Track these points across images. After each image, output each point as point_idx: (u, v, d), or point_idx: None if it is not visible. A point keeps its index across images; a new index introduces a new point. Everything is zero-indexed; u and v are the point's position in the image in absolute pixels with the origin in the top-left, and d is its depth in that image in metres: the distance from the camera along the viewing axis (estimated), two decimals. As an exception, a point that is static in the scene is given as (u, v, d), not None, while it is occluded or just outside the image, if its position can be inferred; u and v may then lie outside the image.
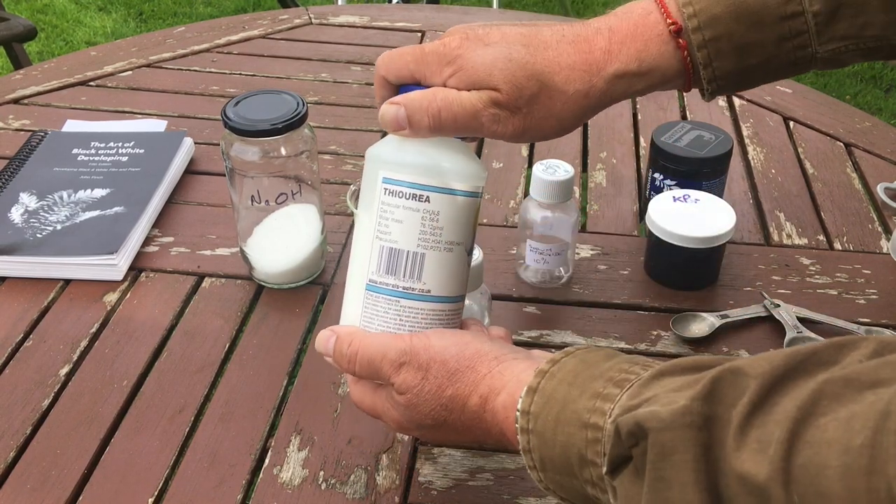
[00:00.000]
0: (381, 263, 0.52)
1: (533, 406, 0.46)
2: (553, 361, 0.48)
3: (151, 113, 1.03)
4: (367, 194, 0.53)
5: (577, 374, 0.46)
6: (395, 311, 0.53)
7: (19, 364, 0.69)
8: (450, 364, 0.51)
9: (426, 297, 0.53)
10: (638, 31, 0.51)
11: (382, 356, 0.52)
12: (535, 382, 0.47)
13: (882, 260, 0.82)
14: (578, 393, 0.45)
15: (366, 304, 0.53)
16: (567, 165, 0.73)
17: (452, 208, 0.51)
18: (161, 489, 0.59)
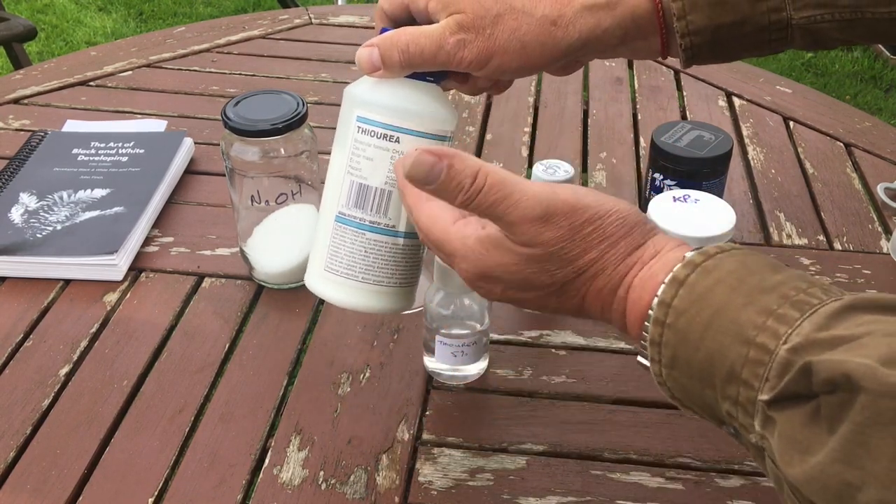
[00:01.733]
0: (350, 197, 0.54)
1: (677, 300, 0.42)
2: (707, 255, 0.43)
3: (151, 113, 1.03)
4: (342, 131, 0.54)
5: (741, 278, 0.41)
6: (361, 244, 0.54)
7: (19, 364, 0.69)
8: (608, 229, 0.45)
9: (390, 232, 0.54)
10: None
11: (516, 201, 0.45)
12: (682, 273, 0.42)
13: (882, 260, 0.82)
14: (742, 302, 0.40)
15: (334, 235, 0.55)
16: (567, 165, 0.73)
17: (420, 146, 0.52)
18: (161, 489, 0.59)
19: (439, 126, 0.53)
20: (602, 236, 0.45)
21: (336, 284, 0.55)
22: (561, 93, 1.11)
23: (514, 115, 1.06)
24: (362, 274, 0.55)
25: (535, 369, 0.69)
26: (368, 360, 0.70)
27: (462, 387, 0.67)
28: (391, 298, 0.56)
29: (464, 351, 0.65)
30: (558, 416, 0.65)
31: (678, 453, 0.62)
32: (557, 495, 0.59)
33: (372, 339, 0.72)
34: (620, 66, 1.17)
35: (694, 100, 1.10)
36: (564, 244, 0.45)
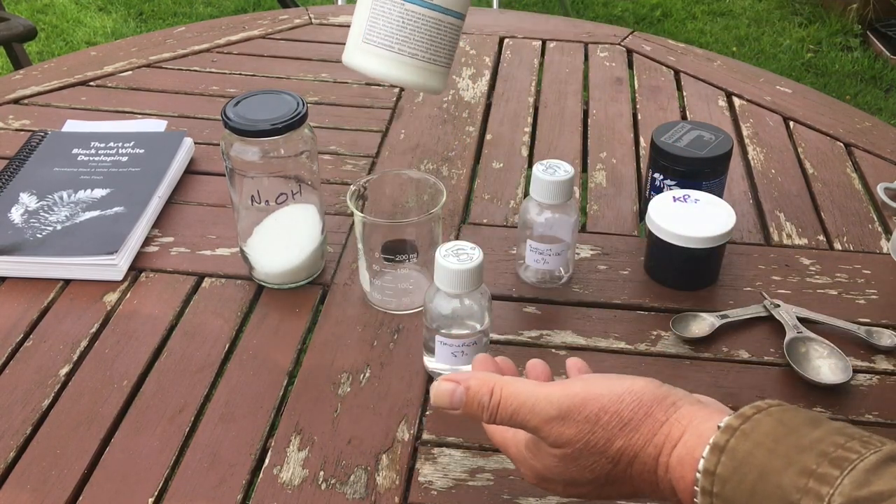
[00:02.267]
0: None
1: (720, 468, 0.42)
2: (743, 417, 0.43)
3: (151, 113, 1.03)
4: None
5: (778, 439, 0.41)
6: (399, 14, 0.56)
7: (19, 364, 0.69)
8: (624, 414, 0.46)
9: (426, 4, 0.56)
10: None
11: (530, 410, 0.47)
12: (721, 439, 0.43)
13: (882, 260, 0.82)
14: (783, 464, 0.40)
15: (374, 7, 0.57)
16: (567, 165, 0.73)
17: None
18: (161, 489, 0.59)
19: None
20: (621, 422, 0.46)
21: (372, 55, 0.56)
22: (561, 93, 1.11)
23: (514, 115, 1.06)
24: (398, 45, 0.56)
25: (535, 369, 0.69)
26: (368, 360, 0.70)
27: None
28: (424, 74, 0.58)
29: (464, 351, 0.65)
30: (558, 416, 0.65)
31: (678, 453, 0.62)
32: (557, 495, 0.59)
33: (372, 339, 0.72)
34: (620, 66, 1.17)
35: (694, 100, 1.10)
36: (588, 437, 0.47)
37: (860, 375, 0.69)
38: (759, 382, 0.68)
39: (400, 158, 0.96)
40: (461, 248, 0.62)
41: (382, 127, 1.02)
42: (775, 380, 0.69)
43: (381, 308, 0.74)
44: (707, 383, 0.68)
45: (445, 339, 0.65)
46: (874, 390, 0.68)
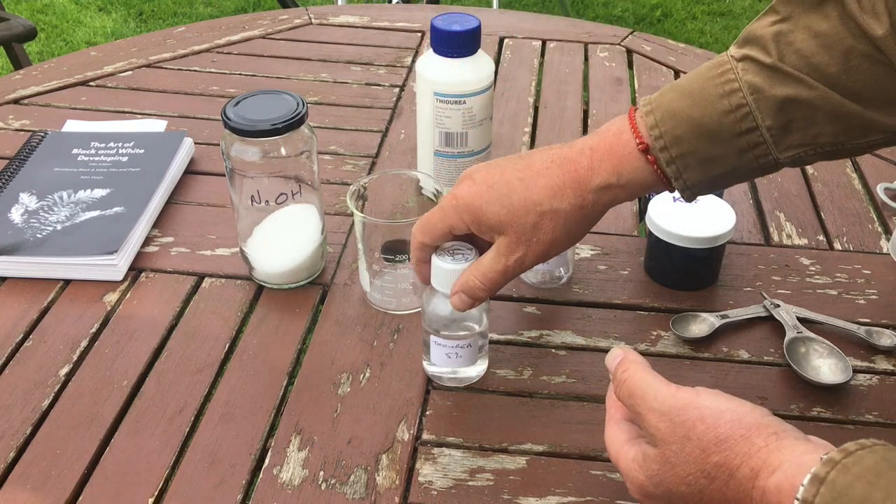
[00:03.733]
0: (441, 141, 0.82)
1: (818, 498, 0.42)
2: (846, 452, 0.44)
3: (151, 113, 1.03)
4: (422, 100, 0.81)
5: (880, 473, 0.42)
6: (455, 167, 0.83)
7: (19, 364, 0.69)
8: (721, 429, 0.47)
9: (469, 154, 0.83)
10: (613, 149, 0.58)
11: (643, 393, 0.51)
12: (822, 471, 0.43)
13: (882, 260, 0.82)
14: (882, 496, 0.41)
15: (435, 163, 0.83)
16: None
17: (479, 101, 0.80)
18: (161, 489, 0.59)
19: (487, 83, 0.80)
20: (717, 437, 0.47)
21: None
22: (561, 93, 1.11)
23: (514, 115, 1.06)
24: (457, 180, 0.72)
25: (535, 369, 0.69)
26: (368, 360, 0.70)
27: (462, 387, 0.67)
28: None
29: (458, 353, 0.65)
30: (558, 416, 0.65)
31: (678, 453, 0.62)
32: (557, 495, 0.59)
33: (372, 339, 0.72)
34: (620, 66, 1.17)
35: (694, 100, 1.09)
36: (683, 442, 0.48)
37: (860, 375, 0.69)
38: (759, 382, 0.68)
39: (400, 158, 0.96)
40: (457, 248, 0.63)
41: (382, 127, 1.02)
42: (775, 380, 0.69)
43: (381, 308, 0.74)
44: (707, 383, 0.68)
45: (441, 339, 0.65)
46: (874, 390, 0.68)
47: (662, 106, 0.56)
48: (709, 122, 0.55)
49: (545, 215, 0.58)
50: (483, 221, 0.59)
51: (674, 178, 0.57)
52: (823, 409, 0.66)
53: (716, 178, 0.57)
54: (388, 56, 1.18)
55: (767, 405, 0.66)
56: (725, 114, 0.54)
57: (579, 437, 0.63)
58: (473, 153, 0.84)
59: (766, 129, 0.54)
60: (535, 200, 0.58)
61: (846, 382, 0.67)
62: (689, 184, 0.57)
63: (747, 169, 0.56)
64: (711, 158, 0.56)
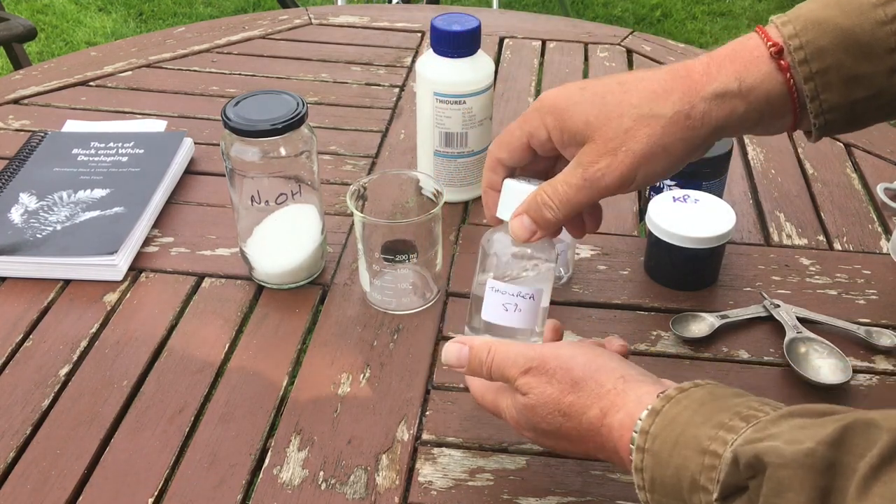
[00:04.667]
0: (441, 141, 0.83)
1: (653, 427, 0.47)
2: (681, 389, 0.49)
3: (151, 113, 1.03)
4: (422, 100, 0.82)
5: (704, 402, 0.47)
6: (454, 167, 0.84)
7: (19, 364, 0.69)
8: (574, 372, 0.52)
9: (469, 154, 0.84)
10: (737, 53, 0.50)
11: (513, 363, 0.54)
12: (658, 405, 0.48)
13: (882, 260, 0.82)
14: (702, 420, 0.45)
15: (435, 164, 0.84)
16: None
17: (479, 101, 0.81)
18: (161, 489, 0.59)
19: (487, 83, 0.81)
20: (572, 380, 0.52)
21: None
22: (561, 93, 1.11)
23: (514, 115, 1.06)
24: (457, 181, 0.85)
25: (535, 369, 0.69)
26: (368, 360, 0.70)
27: (462, 387, 0.67)
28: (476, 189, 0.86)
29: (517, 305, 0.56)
30: (558, 416, 0.65)
31: (678, 453, 0.62)
32: (557, 495, 0.59)
33: (372, 339, 0.72)
34: (620, 67, 1.17)
35: (694, 100, 1.09)
36: (545, 387, 0.52)
37: (860, 375, 0.69)
38: (759, 382, 0.68)
39: (400, 158, 0.96)
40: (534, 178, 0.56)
41: (382, 127, 1.02)
42: (775, 380, 0.69)
43: (381, 308, 0.74)
44: (707, 383, 0.68)
45: (499, 285, 0.56)
46: (874, 390, 0.68)
47: (803, 16, 0.49)
48: (860, 33, 0.47)
49: (642, 119, 0.49)
50: (568, 125, 0.51)
51: (810, 97, 0.49)
52: (823, 409, 0.66)
53: (857, 104, 0.50)
54: (388, 56, 1.18)
55: (767, 405, 0.66)
56: (881, 24, 0.47)
57: (579, 437, 0.63)
58: (473, 153, 0.84)
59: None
60: (634, 103, 0.50)
61: (846, 382, 0.67)
62: (826, 107, 0.50)
63: (893, 96, 0.50)
64: (858, 77, 0.49)
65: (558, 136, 0.52)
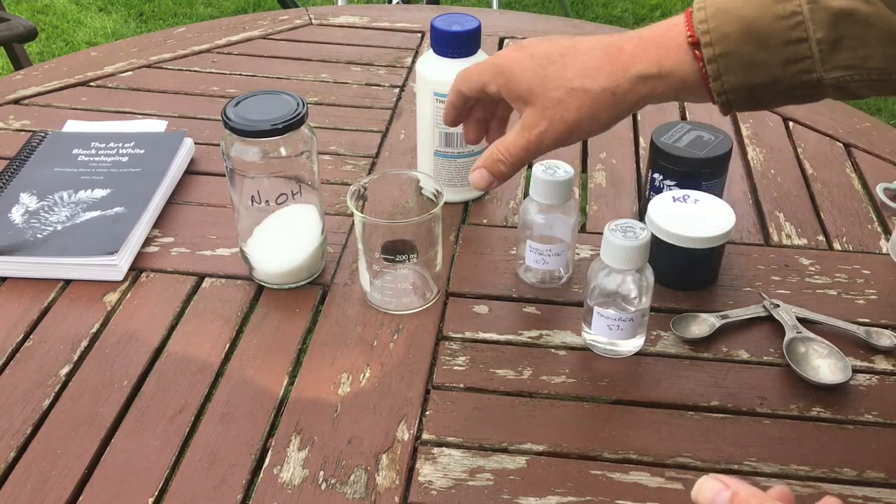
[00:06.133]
0: (441, 141, 0.83)
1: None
2: None
3: (152, 113, 1.03)
4: (422, 100, 0.82)
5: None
6: (454, 167, 0.85)
7: (19, 364, 0.69)
8: None
9: (469, 154, 0.84)
10: (662, 39, 0.57)
11: None
12: None
13: (881, 260, 0.82)
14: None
15: (435, 164, 0.85)
16: (567, 166, 0.73)
17: None
18: (161, 489, 0.59)
19: None
20: None
21: None
22: (561, 93, 1.11)
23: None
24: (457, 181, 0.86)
25: (535, 369, 0.69)
26: (368, 360, 0.70)
27: (462, 387, 0.68)
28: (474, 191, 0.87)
29: (619, 326, 0.67)
30: (558, 416, 0.65)
31: (678, 453, 0.62)
32: (557, 495, 0.59)
33: (372, 340, 0.72)
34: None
35: (694, 100, 1.09)
36: None
37: (859, 375, 0.69)
38: (759, 382, 0.68)
39: (400, 158, 0.96)
40: (630, 225, 0.65)
41: (382, 127, 1.02)
42: (775, 380, 0.69)
43: (381, 308, 0.74)
44: (707, 383, 0.68)
45: (604, 311, 0.67)
46: (873, 390, 0.68)
47: (717, 3, 0.55)
48: (759, 25, 0.53)
49: (574, 92, 0.57)
50: (513, 87, 0.60)
51: (713, 77, 0.55)
52: (823, 409, 0.66)
53: (755, 88, 0.55)
54: (388, 56, 1.18)
55: (767, 405, 0.66)
56: (778, 19, 0.53)
57: (579, 437, 0.64)
58: (473, 153, 0.84)
59: (816, 42, 0.52)
60: (569, 77, 0.58)
61: (845, 382, 0.67)
62: (728, 87, 0.55)
63: (788, 84, 0.54)
64: (755, 64, 0.54)
65: (507, 92, 0.61)
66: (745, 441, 0.63)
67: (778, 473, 0.61)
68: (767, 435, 0.64)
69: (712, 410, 0.66)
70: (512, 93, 0.60)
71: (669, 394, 0.67)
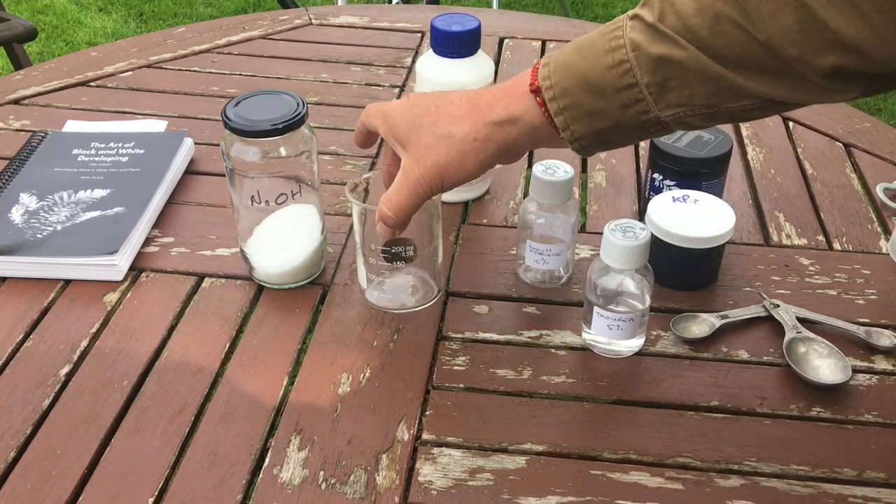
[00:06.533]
0: None
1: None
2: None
3: (152, 113, 1.03)
4: None
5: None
6: None
7: (19, 364, 0.69)
8: None
9: None
10: (511, 89, 0.61)
11: None
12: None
13: (881, 260, 0.82)
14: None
15: None
16: (566, 166, 0.73)
17: None
18: (161, 489, 0.59)
19: None
20: None
21: None
22: (561, 93, 1.11)
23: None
24: None
25: (535, 369, 0.69)
26: (368, 360, 0.70)
27: (462, 387, 0.68)
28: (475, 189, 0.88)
29: (619, 326, 0.68)
30: (558, 416, 0.65)
31: (678, 453, 0.62)
32: (557, 495, 0.59)
33: (372, 339, 0.72)
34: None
35: (694, 100, 1.09)
36: None
37: (859, 375, 0.69)
38: (759, 382, 0.68)
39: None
40: (630, 225, 0.66)
41: (382, 127, 1.02)
42: (775, 380, 0.69)
43: (380, 307, 0.74)
44: (707, 383, 0.68)
45: (604, 312, 0.68)
46: (873, 390, 0.68)
47: (557, 59, 0.59)
48: (593, 76, 0.57)
49: (442, 139, 0.62)
50: (394, 133, 0.64)
51: (562, 128, 0.59)
52: (823, 409, 0.66)
53: (602, 132, 0.59)
54: (388, 56, 1.18)
55: (767, 405, 0.66)
56: (608, 69, 0.56)
57: (579, 437, 0.64)
58: None
59: (644, 85, 0.56)
60: (439, 125, 0.62)
61: (845, 382, 0.67)
62: (577, 135, 0.59)
63: (631, 125, 0.58)
64: (596, 112, 0.58)
65: (389, 137, 0.65)
66: (745, 441, 0.63)
67: (778, 473, 0.61)
68: (767, 435, 0.64)
69: (712, 410, 0.66)
70: (394, 137, 0.64)
71: (669, 394, 0.67)
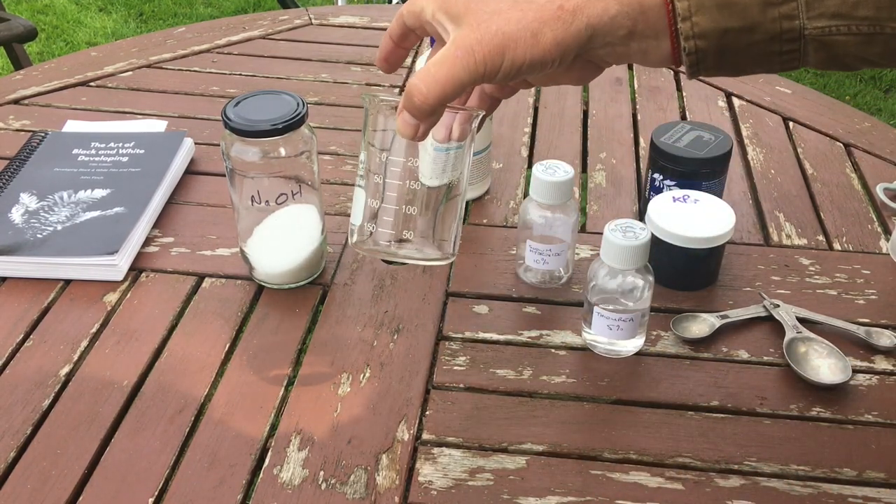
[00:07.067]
0: None
1: None
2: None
3: (152, 113, 1.03)
4: None
5: None
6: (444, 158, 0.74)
7: (19, 364, 0.69)
8: None
9: None
10: None
11: None
12: None
13: (881, 260, 0.82)
14: None
15: (435, 160, 0.70)
16: (567, 166, 0.73)
17: None
18: (161, 489, 0.59)
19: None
20: None
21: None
22: (561, 93, 1.11)
23: (514, 115, 1.06)
24: None
25: (535, 369, 0.69)
26: (368, 360, 0.70)
27: (462, 387, 0.68)
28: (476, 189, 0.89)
29: (619, 326, 0.68)
30: (558, 416, 0.65)
31: (678, 453, 0.62)
32: (557, 495, 0.59)
33: (372, 339, 0.72)
34: (620, 67, 1.17)
35: (693, 100, 1.10)
36: None
37: (859, 375, 0.69)
38: (759, 382, 0.68)
39: (400, 159, 0.96)
40: (630, 225, 0.66)
41: (382, 127, 1.02)
42: (775, 380, 0.69)
43: (373, 252, 0.58)
44: (707, 383, 0.68)
45: (604, 311, 0.67)
46: (873, 390, 0.68)
47: None
48: None
49: (516, 4, 0.49)
50: (446, 7, 0.51)
51: (682, 16, 0.48)
52: (823, 409, 0.66)
53: (728, 34, 0.48)
54: (388, 56, 1.18)
55: (767, 405, 0.66)
56: None
57: (579, 437, 0.64)
58: (474, 153, 0.84)
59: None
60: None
61: (845, 382, 0.67)
62: (697, 31, 0.48)
63: (767, 33, 0.48)
64: (731, 3, 0.47)
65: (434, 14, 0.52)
66: (745, 441, 0.63)
67: (778, 473, 0.61)
68: (767, 435, 0.64)
69: (712, 410, 0.66)
70: (445, 12, 0.51)
71: (669, 394, 0.67)
